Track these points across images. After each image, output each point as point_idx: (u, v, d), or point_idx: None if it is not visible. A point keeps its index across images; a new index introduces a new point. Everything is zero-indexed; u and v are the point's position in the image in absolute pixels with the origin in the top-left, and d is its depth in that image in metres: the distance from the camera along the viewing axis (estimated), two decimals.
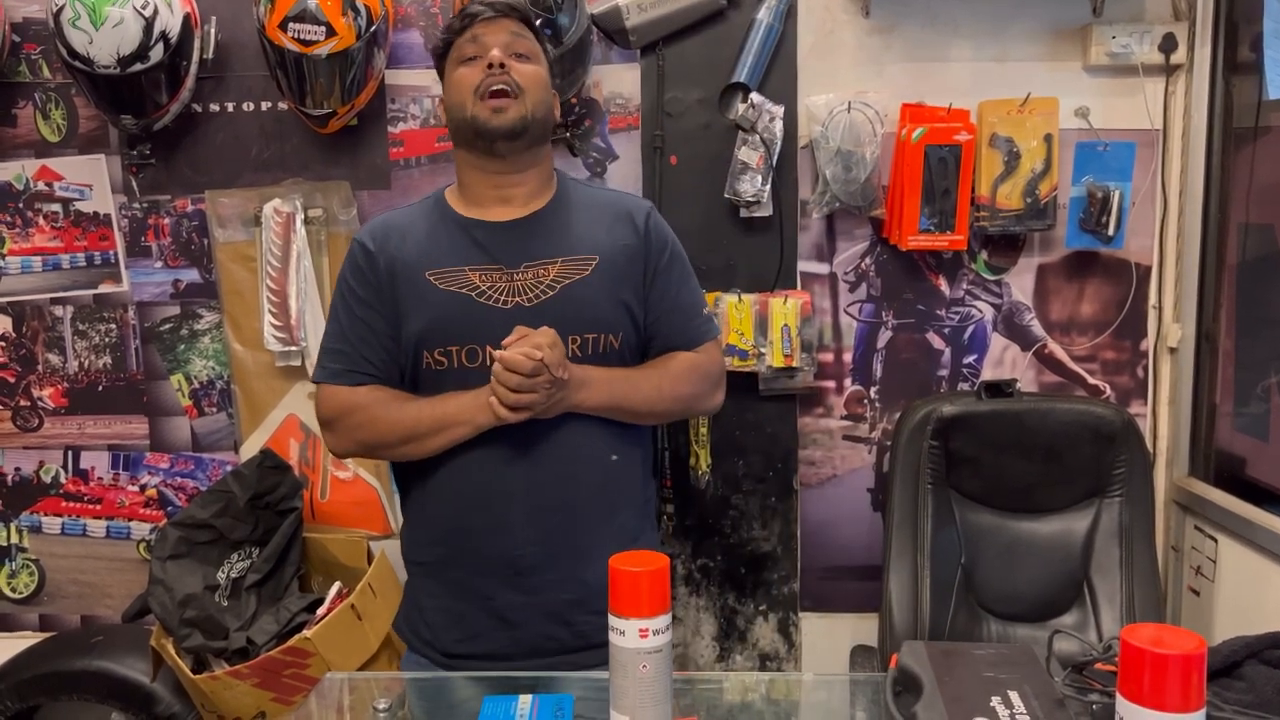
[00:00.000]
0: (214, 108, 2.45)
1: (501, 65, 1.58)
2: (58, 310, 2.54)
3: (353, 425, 1.65)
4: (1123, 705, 0.94)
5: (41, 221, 2.51)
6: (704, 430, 2.38)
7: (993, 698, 1.10)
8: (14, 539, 2.61)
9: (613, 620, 1.12)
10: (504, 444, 1.57)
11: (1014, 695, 1.10)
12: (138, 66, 2.20)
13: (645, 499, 1.75)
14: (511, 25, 1.63)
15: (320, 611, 2.22)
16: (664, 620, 1.12)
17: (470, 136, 1.62)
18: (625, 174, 2.41)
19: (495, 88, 1.58)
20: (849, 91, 2.35)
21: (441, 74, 1.69)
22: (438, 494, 1.64)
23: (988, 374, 2.49)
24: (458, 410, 1.56)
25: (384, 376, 1.64)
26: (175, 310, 2.53)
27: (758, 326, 2.35)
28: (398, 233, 1.66)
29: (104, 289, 2.53)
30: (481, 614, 1.63)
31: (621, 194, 1.80)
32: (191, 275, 2.52)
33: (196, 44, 2.31)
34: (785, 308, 2.34)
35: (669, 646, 1.13)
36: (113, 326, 2.54)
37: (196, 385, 2.56)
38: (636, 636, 1.10)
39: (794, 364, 2.36)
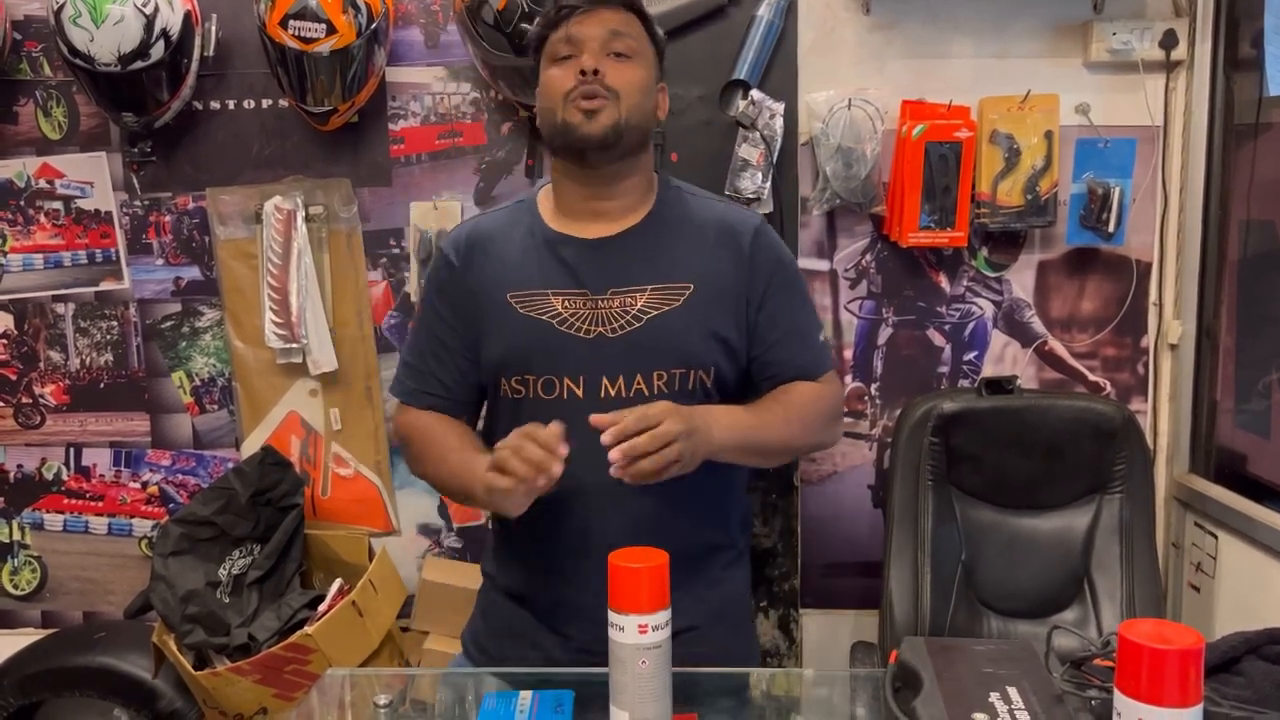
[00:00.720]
0: (215, 105, 2.45)
1: (595, 71, 1.44)
2: (59, 308, 2.55)
3: (410, 457, 1.59)
4: (1120, 700, 0.94)
5: (43, 219, 2.52)
6: None
7: (991, 693, 1.10)
8: (16, 536, 2.62)
9: (612, 616, 1.12)
10: (607, 492, 1.42)
11: (1013, 691, 1.10)
12: (139, 64, 2.20)
13: (741, 545, 1.66)
14: (611, 19, 1.47)
15: (322, 608, 2.23)
16: (663, 616, 1.12)
17: (560, 144, 1.49)
18: None
19: (586, 94, 1.44)
20: (849, 88, 2.35)
21: (539, 69, 1.54)
22: (531, 527, 1.50)
23: (988, 371, 2.49)
24: (470, 481, 1.42)
25: (454, 398, 1.57)
26: (176, 307, 2.53)
27: None
28: (481, 246, 1.55)
29: (105, 286, 2.53)
30: (557, 648, 1.54)
31: (729, 207, 1.62)
32: (193, 272, 2.52)
33: (197, 41, 2.31)
34: None
35: (668, 642, 1.13)
36: (114, 324, 2.55)
37: (198, 382, 2.56)
38: (636, 632, 1.11)
39: None
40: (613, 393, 1.46)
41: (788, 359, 1.54)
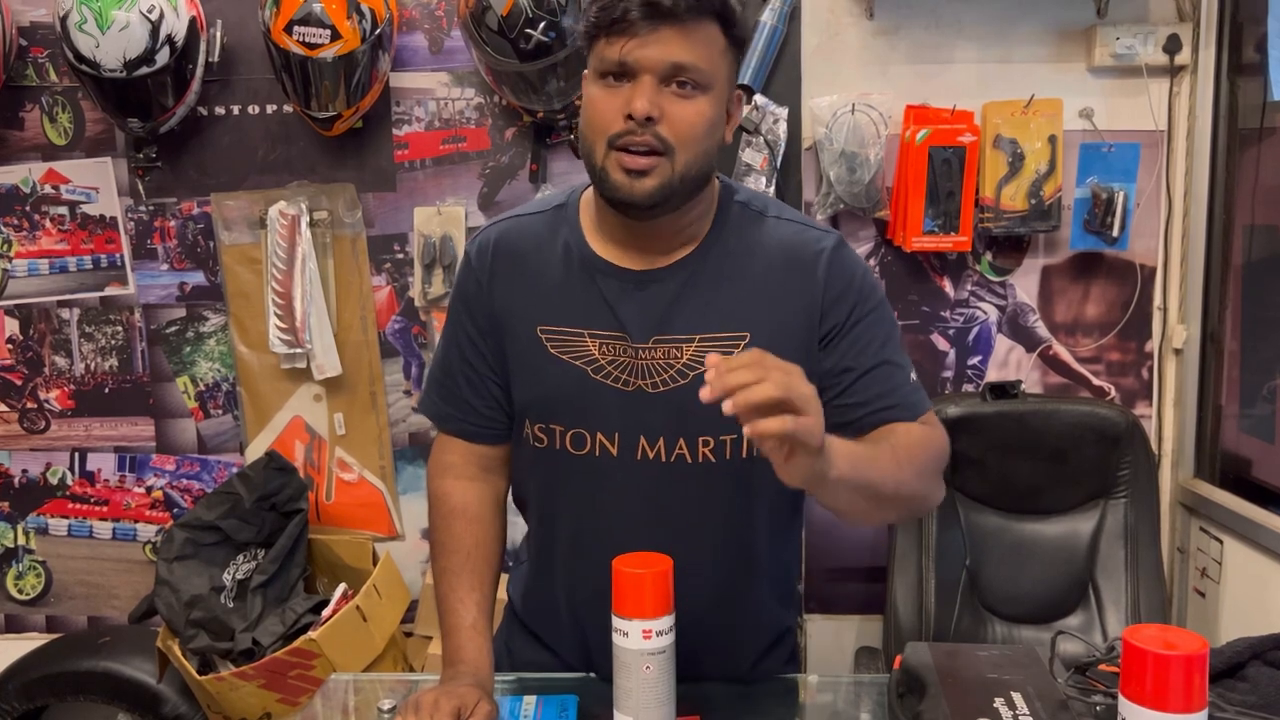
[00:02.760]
0: (219, 111, 2.46)
1: (648, 119, 1.15)
2: (64, 313, 2.55)
3: (429, 510, 1.42)
4: (1125, 706, 0.94)
5: (48, 224, 2.52)
6: None
7: (996, 699, 1.10)
8: (21, 540, 2.62)
9: (616, 621, 1.12)
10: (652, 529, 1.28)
11: (1017, 696, 1.10)
12: (144, 70, 2.21)
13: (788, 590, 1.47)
14: (678, 43, 1.15)
15: (326, 613, 2.23)
16: (667, 621, 1.12)
17: (598, 189, 1.24)
18: None
19: (634, 147, 1.17)
20: (853, 93, 2.35)
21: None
22: (569, 584, 1.39)
23: (992, 375, 2.49)
24: (446, 653, 1.34)
25: (487, 425, 1.37)
26: (181, 313, 2.54)
27: None
28: (511, 259, 1.32)
29: (110, 291, 2.54)
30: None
31: (802, 228, 1.32)
32: (197, 278, 2.53)
33: (202, 47, 2.32)
34: None
35: (672, 648, 1.13)
36: (119, 329, 2.55)
37: (202, 387, 2.56)
38: (640, 638, 1.10)
39: None
40: (651, 455, 1.27)
41: (878, 395, 1.25)
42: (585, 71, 1.23)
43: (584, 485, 1.32)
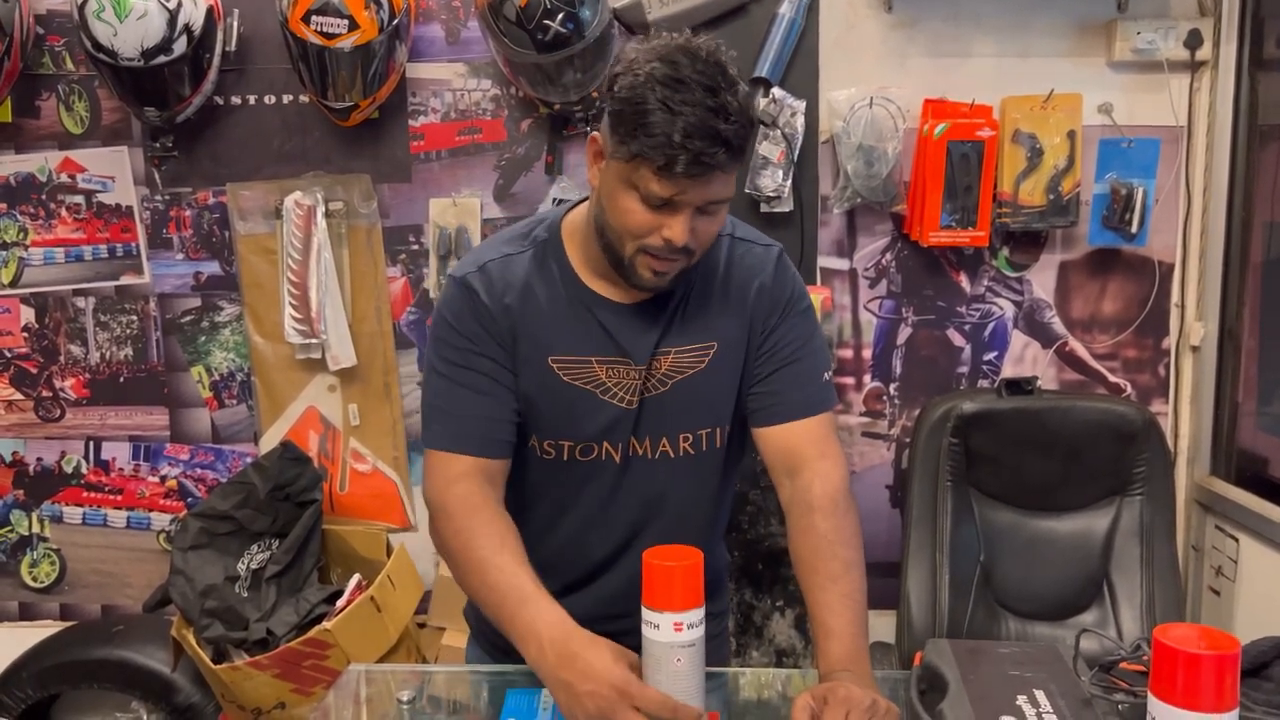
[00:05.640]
0: (236, 100, 2.45)
1: (685, 248, 1.26)
2: (80, 302, 2.56)
3: (437, 530, 1.37)
4: (1155, 705, 0.93)
5: (64, 213, 2.52)
6: None
7: (1019, 697, 1.09)
8: (36, 529, 2.63)
9: (647, 614, 1.11)
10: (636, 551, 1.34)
11: (1040, 694, 1.10)
12: (161, 59, 2.20)
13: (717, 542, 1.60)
14: (720, 181, 1.24)
15: (340, 603, 2.23)
16: (698, 614, 1.12)
17: (613, 266, 1.33)
18: None
19: (663, 257, 1.27)
20: (871, 86, 2.34)
21: (611, 121, 1.25)
22: (556, 554, 1.46)
23: (1008, 371, 2.48)
24: (524, 630, 1.21)
25: (495, 438, 1.38)
26: (196, 302, 2.54)
27: None
28: (513, 291, 1.37)
29: (125, 281, 2.54)
30: None
31: (752, 246, 1.45)
32: (212, 267, 2.53)
33: (219, 36, 2.31)
34: None
35: (702, 641, 1.13)
36: (134, 318, 2.55)
37: (217, 377, 2.56)
38: (671, 630, 1.10)
39: None
40: (639, 452, 1.41)
41: (783, 390, 1.40)
42: (609, 161, 1.26)
43: (585, 485, 1.43)
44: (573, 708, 1.12)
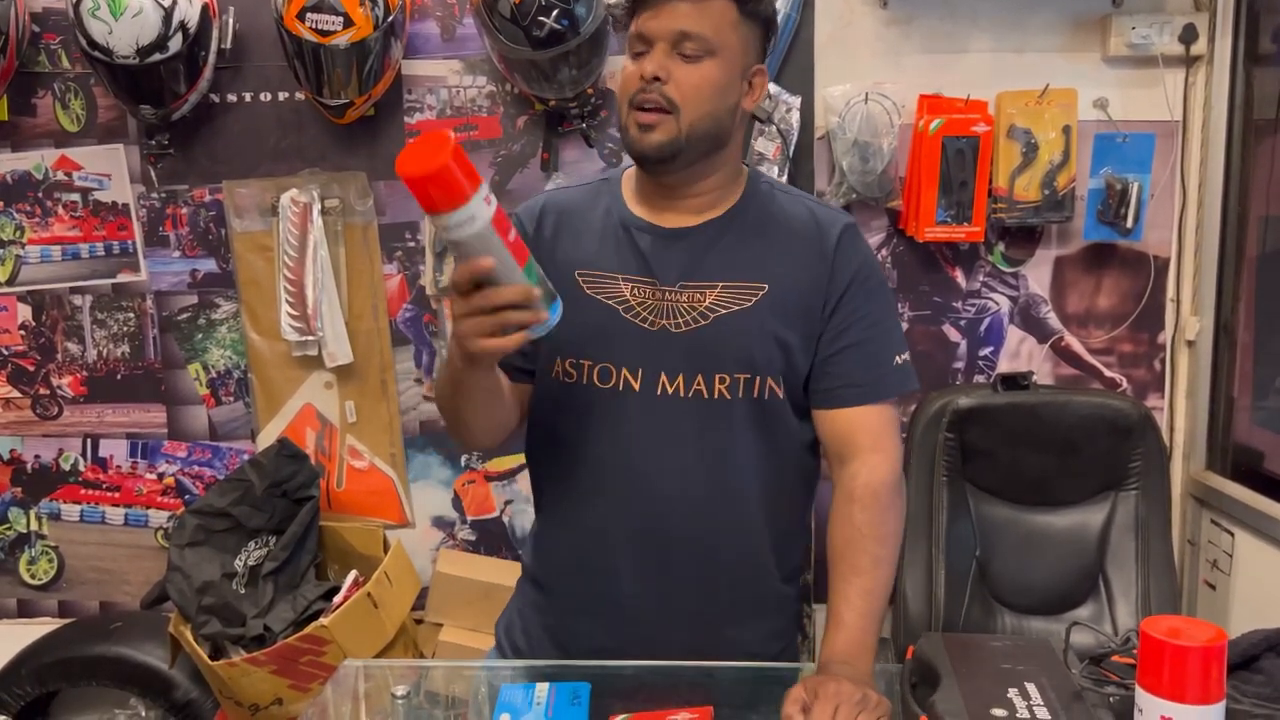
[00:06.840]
0: (232, 98, 2.45)
1: (655, 78, 1.30)
2: (77, 299, 2.56)
3: (442, 410, 1.46)
4: (1142, 697, 0.94)
5: (60, 211, 2.53)
6: None
7: (1010, 689, 1.10)
8: (34, 526, 2.63)
9: (453, 215, 1.11)
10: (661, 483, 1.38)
11: (1031, 687, 1.10)
12: (156, 56, 2.21)
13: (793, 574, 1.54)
14: (683, 12, 1.29)
15: (337, 600, 2.24)
16: (485, 187, 1.13)
17: (625, 147, 1.39)
18: None
19: (644, 105, 1.32)
20: (866, 82, 2.34)
21: None
22: (578, 514, 1.45)
23: (1004, 366, 2.48)
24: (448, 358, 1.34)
25: (525, 361, 1.42)
26: (193, 300, 2.54)
27: None
28: (556, 217, 1.45)
29: (122, 278, 2.54)
30: (584, 649, 1.45)
31: (820, 206, 1.48)
32: (209, 265, 2.53)
33: (215, 34, 2.31)
34: None
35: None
36: (131, 316, 2.56)
37: (214, 374, 2.57)
38: (484, 204, 1.12)
39: None
40: (670, 390, 1.37)
41: (845, 374, 1.37)
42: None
43: (607, 419, 1.39)
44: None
